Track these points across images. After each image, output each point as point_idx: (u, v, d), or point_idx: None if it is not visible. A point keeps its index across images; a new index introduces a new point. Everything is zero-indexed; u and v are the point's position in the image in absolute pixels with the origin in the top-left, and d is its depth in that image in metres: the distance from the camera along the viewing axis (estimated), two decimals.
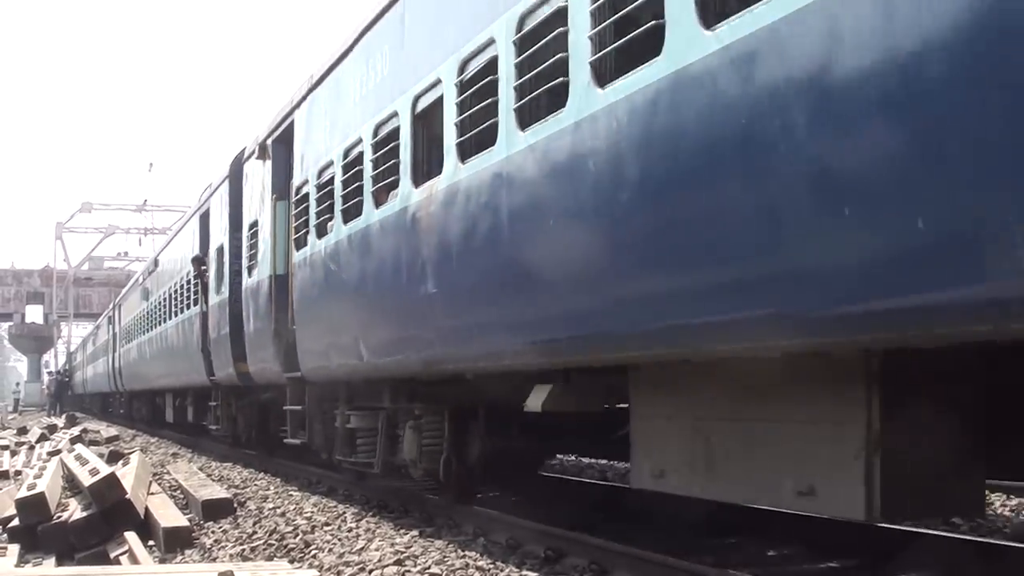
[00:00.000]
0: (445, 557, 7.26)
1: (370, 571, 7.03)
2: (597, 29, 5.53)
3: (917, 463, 4.66)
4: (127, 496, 9.79)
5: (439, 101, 7.64)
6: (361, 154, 9.22)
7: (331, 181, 10.12)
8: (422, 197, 7.85)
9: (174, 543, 9.06)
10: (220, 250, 16.20)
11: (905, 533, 7.05)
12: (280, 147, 12.81)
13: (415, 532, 8.45)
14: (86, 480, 10.22)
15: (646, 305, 5.32)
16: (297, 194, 11.54)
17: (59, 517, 9.65)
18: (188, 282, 19.36)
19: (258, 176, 13.77)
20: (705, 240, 4.77)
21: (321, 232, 10.41)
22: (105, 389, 40.37)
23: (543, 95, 6.19)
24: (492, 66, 6.79)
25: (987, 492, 9.26)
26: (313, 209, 10.67)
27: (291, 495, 11.81)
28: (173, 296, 21.64)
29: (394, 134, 8.52)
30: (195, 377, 18.67)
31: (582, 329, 6.00)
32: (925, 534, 7.11)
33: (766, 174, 4.36)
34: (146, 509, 10.12)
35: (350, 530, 8.90)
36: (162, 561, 8.61)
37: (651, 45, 5.02)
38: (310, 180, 10.93)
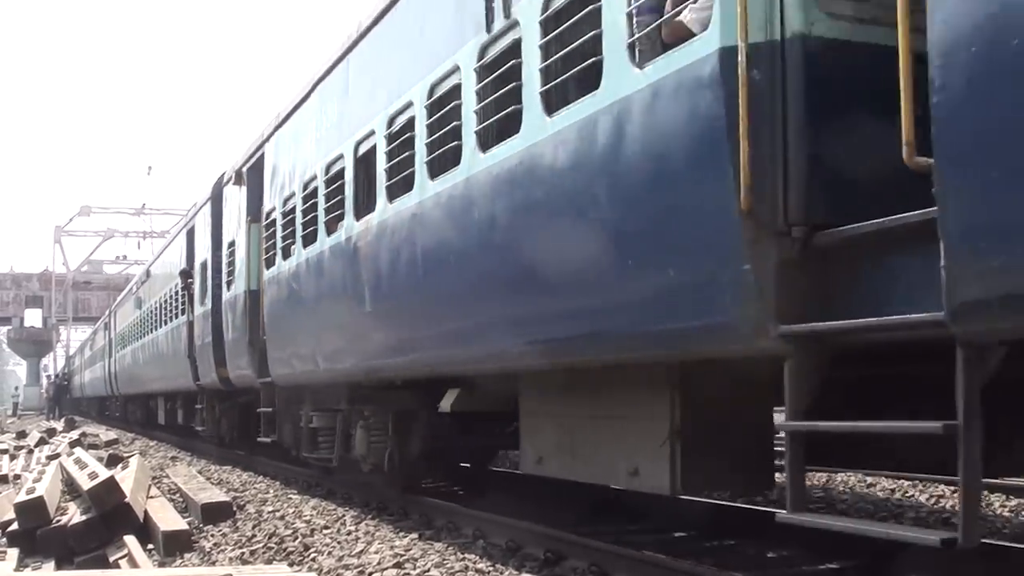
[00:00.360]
0: (444, 560, 7.26)
1: (369, 574, 7.04)
2: (478, 106, 7.02)
3: (709, 450, 5.85)
4: (126, 500, 9.79)
5: (374, 148, 9.03)
6: (316, 188, 10.71)
7: (293, 210, 11.59)
8: (361, 229, 9.27)
9: (173, 547, 9.05)
10: (204, 265, 17.68)
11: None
12: (253, 174, 14.20)
13: (414, 535, 8.45)
14: (85, 484, 10.21)
15: (523, 325, 6.72)
16: (267, 218, 13.04)
17: (58, 521, 9.64)
18: (176, 293, 20.92)
19: (235, 200, 15.23)
20: (552, 277, 6.26)
21: (286, 254, 11.92)
22: (102, 393, 42.23)
23: (448, 152, 7.53)
24: (411, 124, 8.23)
25: (987, 492, 9.30)
26: (279, 233, 12.21)
27: (290, 498, 11.81)
28: (163, 306, 23.28)
29: (340, 173, 9.98)
30: (183, 382, 20.20)
31: (481, 343, 7.44)
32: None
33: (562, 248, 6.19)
34: (145, 513, 10.11)
35: (349, 533, 8.91)
36: (161, 565, 8.59)
37: (514, 129, 6.51)
38: (277, 207, 12.45)
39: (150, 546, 9.23)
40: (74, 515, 9.81)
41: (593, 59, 5.68)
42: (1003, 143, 3.49)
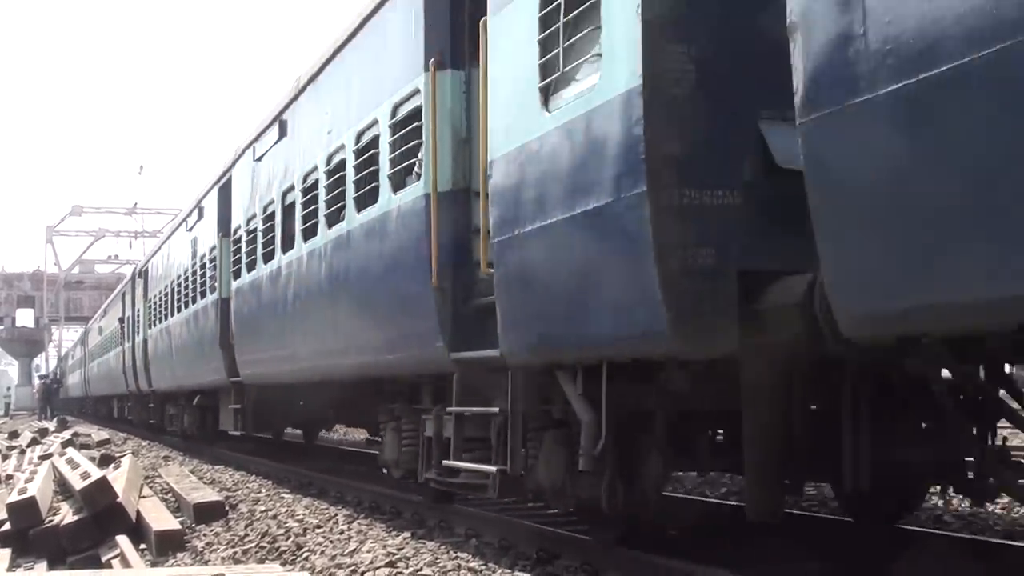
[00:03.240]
0: (437, 559, 7.26)
1: (362, 573, 7.03)
2: (327, 190, 10.24)
3: None
4: (118, 500, 9.78)
5: (294, 202, 11.45)
6: (256, 227, 13.37)
7: (249, 232, 13.88)
8: (285, 262, 11.84)
9: (166, 546, 9.05)
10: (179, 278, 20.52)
11: (904, 533, 7.07)
12: (224, 194, 16.12)
13: (407, 534, 8.45)
14: (77, 484, 10.20)
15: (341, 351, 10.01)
16: (234, 235, 15.11)
17: (50, 521, 9.65)
18: (115, 329, 31.52)
19: (211, 215, 17.29)
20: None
21: (250, 268, 13.76)
22: (80, 395, 51.46)
23: (333, 213, 10.01)
24: (314, 186, 10.68)
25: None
26: (244, 250, 14.21)
27: (283, 497, 11.80)
28: (109, 338, 34.05)
29: (272, 215, 12.51)
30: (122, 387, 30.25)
31: (344, 358, 10.03)
32: (924, 533, 7.13)
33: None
34: (138, 512, 10.10)
35: (342, 532, 8.90)
36: (154, 564, 8.60)
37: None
38: (241, 227, 14.53)
39: (142, 546, 9.23)
40: (66, 515, 9.81)
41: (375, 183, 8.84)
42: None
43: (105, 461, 15.01)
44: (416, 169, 8.13)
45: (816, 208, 4.19)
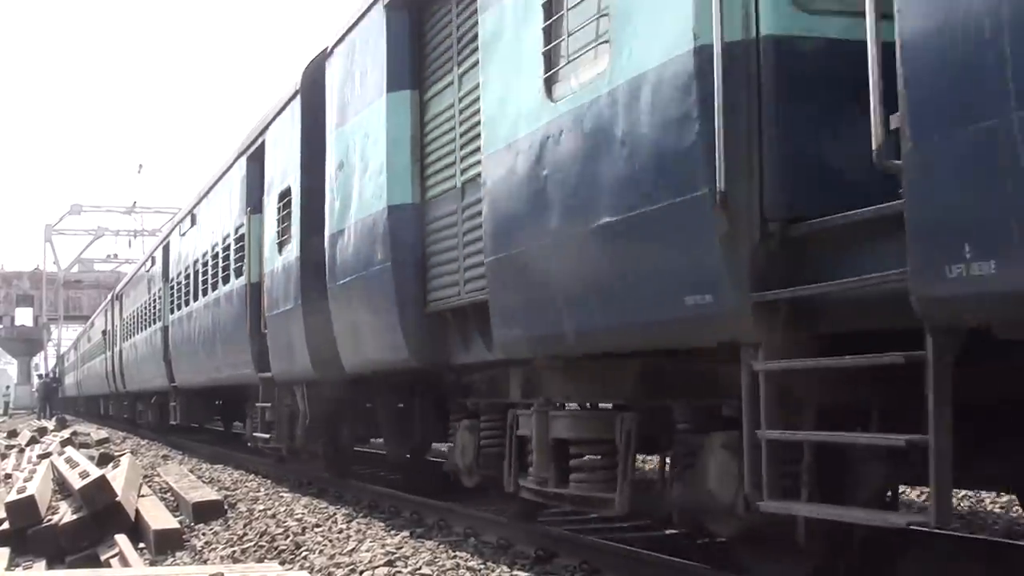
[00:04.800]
0: (436, 558, 7.26)
1: (361, 572, 7.03)
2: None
3: None
4: (117, 499, 9.77)
5: (198, 270, 17.39)
6: (182, 280, 19.39)
7: (179, 283, 19.78)
8: (195, 308, 17.73)
9: (165, 545, 9.04)
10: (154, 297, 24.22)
11: (904, 533, 7.06)
12: (165, 252, 22.24)
13: (406, 533, 8.45)
14: (76, 483, 10.19)
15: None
16: (173, 282, 20.74)
17: (49, 520, 9.63)
18: (99, 340, 37.67)
19: (159, 265, 22.72)
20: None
21: (178, 308, 19.64)
22: (74, 394, 55.24)
23: (213, 283, 16.06)
24: (207, 264, 16.76)
25: (979, 491, 9.32)
26: (176, 294, 20.06)
27: (281, 496, 11.80)
28: (97, 346, 39.11)
29: (190, 275, 18.41)
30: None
31: (219, 373, 16.05)
32: (924, 533, 7.12)
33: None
34: (136, 511, 10.09)
35: (341, 531, 8.90)
36: (153, 563, 8.59)
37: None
38: (174, 278, 20.47)
39: (141, 545, 9.22)
40: (65, 514, 9.80)
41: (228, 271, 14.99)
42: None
43: (104, 460, 14.99)
44: (244, 267, 13.77)
45: None
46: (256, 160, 13.21)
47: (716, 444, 5.34)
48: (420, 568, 6.97)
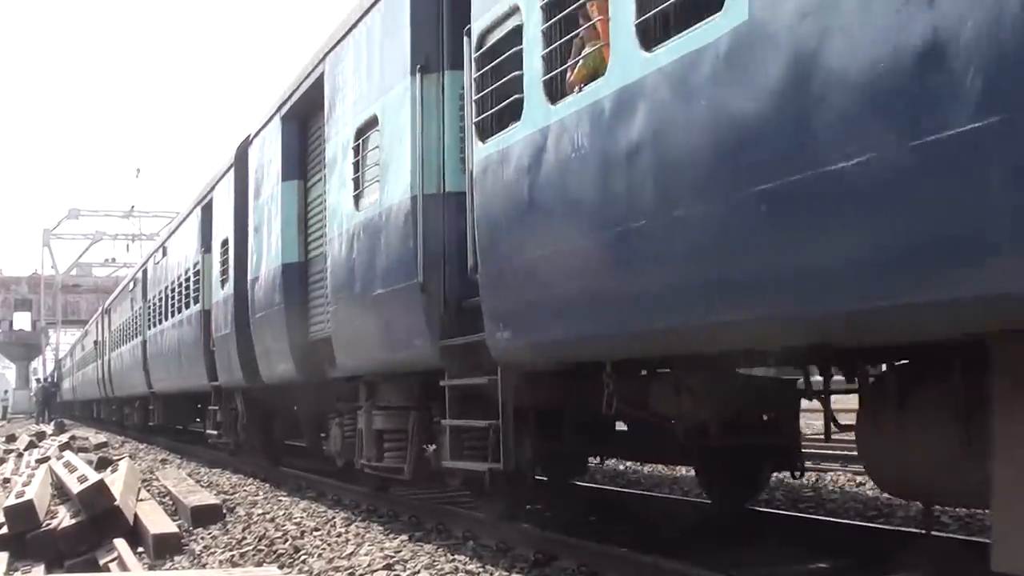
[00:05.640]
0: (435, 561, 7.26)
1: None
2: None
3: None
4: (116, 503, 9.77)
5: (169, 295, 20.09)
6: (157, 301, 22.10)
7: (155, 303, 22.67)
8: (166, 325, 20.56)
9: (163, 549, 9.03)
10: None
11: (903, 533, 7.07)
12: (144, 274, 25.23)
13: (404, 536, 8.45)
14: (75, 487, 10.19)
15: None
16: (150, 301, 23.48)
17: (48, 525, 9.63)
18: (92, 349, 40.75)
19: (140, 285, 26.13)
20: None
21: (153, 324, 22.48)
22: (70, 398, 57.17)
23: (178, 307, 19.61)
24: (174, 291, 19.83)
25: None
26: (152, 313, 23.11)
27: (280, 500, 11.79)
28: (90, 354, 41.99)
29: (163, 298, 21.08)
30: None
31: (185, 382, 19.23)
32: (924, 534, 7.13)
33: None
34: (135, 516, 10.09)
35: (339, 535, 8.90)
36: (151, 568, 8.58)
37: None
38: (152, 298, 23.31)
39: (140, 549, 9.22)
40: (64, 518, 9.80)
41: (189, 298, 18.25)
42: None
43: (102, 464, 15.01)
44: (200, 296, 16.76)
45: None
46: (207, 211, 16.66)
47: (445, 430, 8.09)
48: (419, 572, 6.97)
